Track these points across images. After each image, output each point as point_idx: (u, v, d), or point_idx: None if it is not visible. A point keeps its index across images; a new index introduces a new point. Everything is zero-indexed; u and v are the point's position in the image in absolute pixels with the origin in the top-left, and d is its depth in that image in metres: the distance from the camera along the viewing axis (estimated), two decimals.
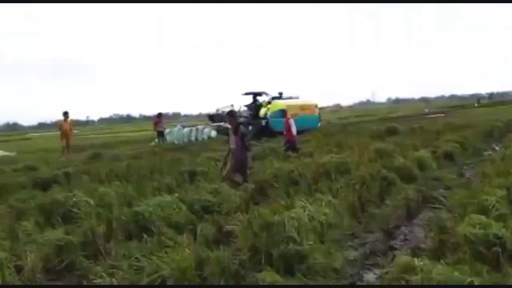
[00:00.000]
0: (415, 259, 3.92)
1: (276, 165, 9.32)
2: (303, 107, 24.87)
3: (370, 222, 6.15)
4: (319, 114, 27.16)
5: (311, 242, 4.60)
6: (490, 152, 13.74)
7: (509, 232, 4.28)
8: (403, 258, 4.13)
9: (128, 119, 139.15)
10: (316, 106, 26.94)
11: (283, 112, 22.83)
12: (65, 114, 17.09)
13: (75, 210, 5.89)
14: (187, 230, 5.48)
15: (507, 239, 4.18)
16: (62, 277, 4.34)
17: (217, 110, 25.00)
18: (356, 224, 5.97)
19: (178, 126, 25.36)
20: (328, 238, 5.09)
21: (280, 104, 23.37)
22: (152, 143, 21.77)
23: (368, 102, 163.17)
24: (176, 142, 23.12)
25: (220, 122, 23.53)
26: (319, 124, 26.80)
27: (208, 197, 6.73)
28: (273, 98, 24.25)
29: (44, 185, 9.09)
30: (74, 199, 6.55)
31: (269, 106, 23.52)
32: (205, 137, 25.47)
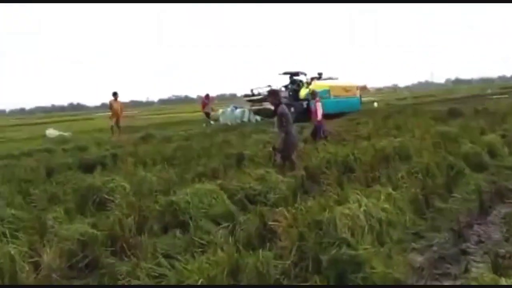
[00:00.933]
0: (502, 279, 3.02)
1: (330, 149, 8.45)
2: (345, 89, 23.14)
3: (437, 219, 5.22)
4: (360, 96, 25.09)
5: (368, 246, 3.79)
6: None
7: None
8: (484, 273, 3.25)
9: (187, 100, 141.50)
10: (357, 87, 24.99)
11: (327, 93, 21.07)
12: (115, 94, 16.98)
13: (110, 197, 5.45)
14: (226, 224, 4.85)
15: None
16: (83, 276, 3.84)
17: (252, 91, 22.76)
18: (420, 221, 5.07)
19: (231, 107, 24.74)
20: (388, 239, 4.25)
21: (322, 84, 21.78)
22: (204, 125, 21.43)
23: (426, 83, 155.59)
24: (229, 123, 22.67)
25: (260, 103, 21.71)
26: (360, 107, 24.73)
27: (253, 185, 6.05)
28: (312, 78, 22.31)
29: (90, 167, 8.84)
30: (112, 184, 6.14)
31: (310, 87, 21.22)
32: (258, 118, 24.39)
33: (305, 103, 20.93)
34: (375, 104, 34.83)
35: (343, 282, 3.51)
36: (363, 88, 24.50)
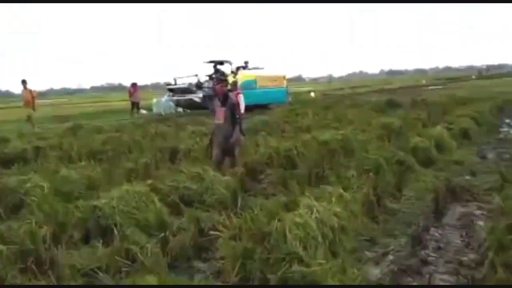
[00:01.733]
0: None
1: (271, 142, 7.98)
2: (272, 79, 22.25)
3: (390, 221, 4.91)
4: (287, 87, 24.27)
5: (321, 260, 3.32)
6: (506, 129, 12.55)
7: None
8: None
9: (121, 88, 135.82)
10: (284, 77, 24.06)
11: (254, 83, 20.38)
12: (23, 82, 15.35)
13: (28, 199, 4.65)
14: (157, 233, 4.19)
15: None
16: None
17: (175, 80, 21.66)
18: (373, 225, 4.71)
19: (165, 96, 23.47)
20: (341, 249, 3.82)
21: (248, 74, 21.03)
22: (135, 115, 20.14)
23: (360, 73, 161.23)
24: (162, 113, 21.54)
25: (182, 94, 20.59)
26: (288, 98, 23.99)
27: (188, 184, 5.42)
28: (238, 67, 21.19)
29: (9, 162, 7.79)
30: (28, 184, 5.28)
31: (236, 76, 19.94)
32: (180, 109, 22.84)
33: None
34: (312, 94, 35.16)
35: None
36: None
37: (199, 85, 20.26)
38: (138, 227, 4.26)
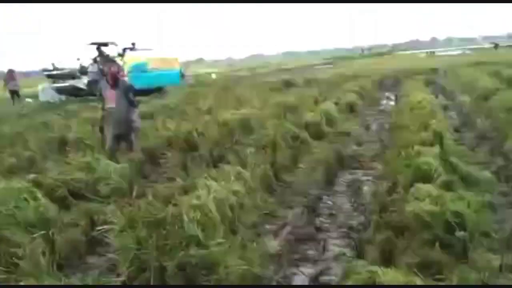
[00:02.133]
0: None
1: (171, 126, 7.72)
2: (164, 61, 20.69)
3: (287, 194, 5.00)
4: (181, 69, 22.62)
5: (221, 240, 3.25)
6: (385, 101, 13.56)
7: (469, 209, 3.33)
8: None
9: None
10: (176, 60, 22.47)
11: (145, 66, 18.40)
12: None
13: None
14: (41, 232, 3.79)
15: (468, 218, 3.23)
16: None
17: (53, 65, 19.45)
18: (271, 199, 4.76)
19: (45, 84, 21.08)
20: (241, 226, 3.79)
21: (138, 56, 19.34)
22: (21, 105, 18.19)
23: (259, 55, 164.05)
24: (50, 100, 19.62)
25: (63, 80, 18.43)
26: (183, 81, 22.34)
27: (77, 176, 5.00)
28: (125, 49, 19.31)
29: None
30: None
31: (123, 59, 18.37)
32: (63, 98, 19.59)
33: None
34: (213, 75, 34.93)
35: None
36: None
37: (83, 70, 18.28)
38: (19, 227, 3.83)
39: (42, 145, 7.10)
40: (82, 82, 17.86)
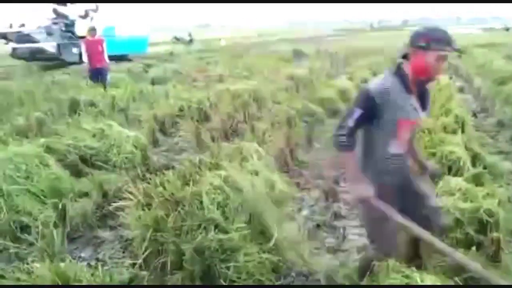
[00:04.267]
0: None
1: (183, 94, 7.44)
2: (130, 27, 18.40)
3: (303, 174, 4.79)
4: (148, 35, 20.20)
5: (241, 224, 3.05)
6: None
7: (500, 206, 3.10)
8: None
9: None
10: (144, 27, 20.12)
11: (112, 31, 16.09)
12: None
13: None
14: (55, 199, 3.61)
15: (500, 217, 3.01)
16: None
17: (11, 26, 16.11)
18: (287, 179, 4.54)
19: None
20: (261, 210, 3.58)
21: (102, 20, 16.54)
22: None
23: (265, 23, 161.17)
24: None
25: (30, 42, 15.27)
26: (147, 48, 20.11)
27: (90, 143, 4.78)
28: (87, 11, 16.67)
29: None
30: None
31: (90, 20, 16.07)
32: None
33: None
34: (223, 42, 34.20)
35: (209, 277, 2.74)
36: None
37: (51, 31, 15.33)
38: (30, 195, 3.64)
39: (52, 107, 6.83)
40: (51, 45, 14.88)
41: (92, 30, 9.33)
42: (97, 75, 8.88)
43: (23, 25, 15.89)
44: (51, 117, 6.34)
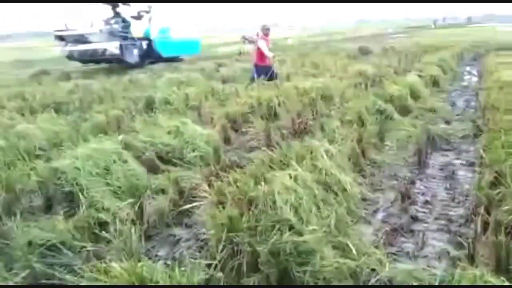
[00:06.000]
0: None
1: (252, 92, 7.33)
2: (182, 29, 17.87)
3: (376, 175, 4.47)
4: (200, 38, 19.65)
5: (315, 226, 2.85)
6: (469, 76, 12.20)
7: None
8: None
9: None
10: (194, 28, 19.76)
11: (167, 33, 16.07)
12: None
13: None
14: (133, 196, 3.62)
15: None
16: None
17: (67, 26, 15.57)
18: (361, 180, 4.26)
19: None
20: (335, 212, 3.35)
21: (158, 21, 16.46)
22: None
23: (334, 22, 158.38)
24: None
25: (75, 43, 14.95)
26: (200, 49, 19.43)
27: (166, 139, 4.81)
28: (140, 12, 16.09)
29: None
30: None
31: (149, 22, 15.90)
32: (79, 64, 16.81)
33: (145, 43, 15.51)
34: (290, 41, 33.93)
35: (286, 280, 2.57)
36: None
37: (113, 32, 14.82)
38: (109, 191, 3.67)
39: (129, 104, 7.01)
40: (113, 46, 14.26)
41: (267, 29, 9.35)
42: (265, 72, 9.03)
43: (88, 24, 15.48)
44: (128, 115, 6.49)
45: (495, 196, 3.45)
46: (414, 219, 3.53)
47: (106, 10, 16.24)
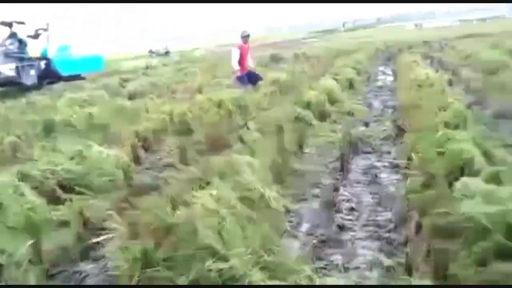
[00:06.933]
0: None
1: (163, 107, 7.08)
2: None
3: (298, 184, 4.47)
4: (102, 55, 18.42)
5: (240, 248, 2.73)
6: (383, 77, 13.04)
7: None
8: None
9: None
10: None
11: (67, 50, 15.24)
12: None
13: None
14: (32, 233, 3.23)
15: None
16: None
17: None
18: (283, 191, 4.23)
19: None
20: (259, 230, 3.26)
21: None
22: None
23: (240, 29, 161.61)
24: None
25: None
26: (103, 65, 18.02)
27: (68, 166, 4.40)
28: (38, 30, 14.98)
29: None
30: None
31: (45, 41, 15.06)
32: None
33: (43, 63, 14.48)
34: (196, 52, 33.81)
35: None
36: None
37: (8, 53, 13.72)
38: (5, 230, 3.24)
39: (26, 129, 6.40)
40: (8, 68, 13.23)
41: (246, 37, 10.06)
42: (250, 78, 9.98)
43: None
44: (26, 141, 5.90)
45: (428, 198, 3.50)
46: (341, 228, 3.56)
47: (1, 30, 14.90)
